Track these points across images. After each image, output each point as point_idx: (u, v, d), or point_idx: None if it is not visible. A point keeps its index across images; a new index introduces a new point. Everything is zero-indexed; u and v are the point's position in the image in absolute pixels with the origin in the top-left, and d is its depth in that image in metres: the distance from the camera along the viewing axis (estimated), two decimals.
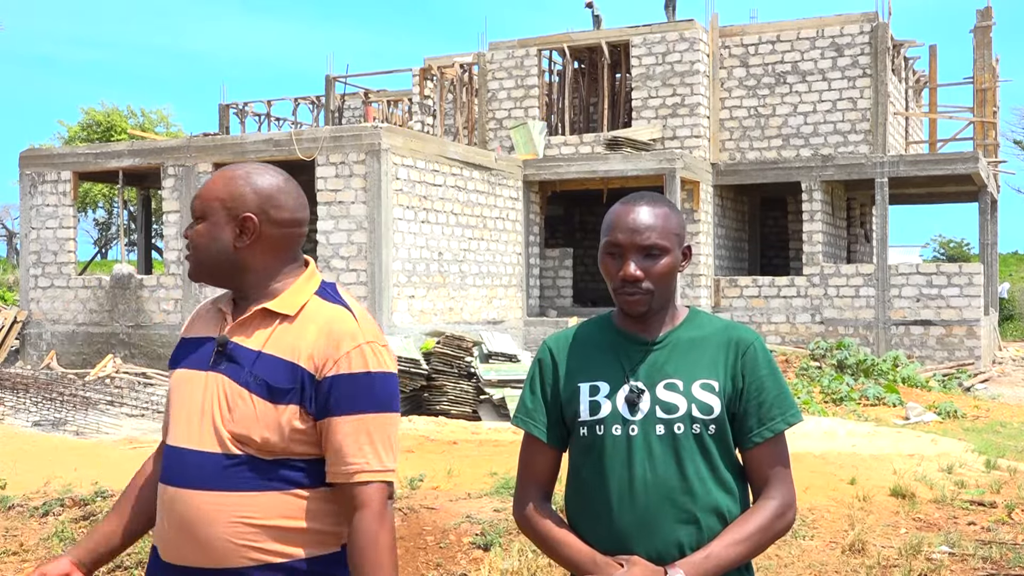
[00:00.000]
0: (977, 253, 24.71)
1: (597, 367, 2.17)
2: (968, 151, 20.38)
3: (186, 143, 17.72)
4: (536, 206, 20.50)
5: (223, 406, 2.03)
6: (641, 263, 2.11)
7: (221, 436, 2.02)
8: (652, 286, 2.12)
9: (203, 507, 2.01)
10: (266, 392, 2.01)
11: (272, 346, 2.04)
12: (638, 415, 2.11)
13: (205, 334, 2.13)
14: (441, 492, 6.75)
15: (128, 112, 34.55)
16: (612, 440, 2.12)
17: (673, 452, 2.09)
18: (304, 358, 2.02)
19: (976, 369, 18.18)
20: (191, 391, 2.08)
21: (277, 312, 2.07)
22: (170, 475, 2.06)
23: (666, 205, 2.17)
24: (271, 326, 2.06)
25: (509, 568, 5.10)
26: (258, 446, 2.02)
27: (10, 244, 50.78)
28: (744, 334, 2.16)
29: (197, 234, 2.10)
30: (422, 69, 23.87)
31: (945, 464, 7.98)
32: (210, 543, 2.01)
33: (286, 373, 2.02)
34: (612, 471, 2.11)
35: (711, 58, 22.13)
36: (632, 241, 2.11)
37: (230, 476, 2.01)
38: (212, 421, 2.03)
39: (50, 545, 5.72)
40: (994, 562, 5.47)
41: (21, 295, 19.12)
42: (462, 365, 12.30)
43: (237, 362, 2.04)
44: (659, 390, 2.12)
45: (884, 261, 19.48)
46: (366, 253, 15.55)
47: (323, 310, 2.07)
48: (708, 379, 2.12)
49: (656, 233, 2.11)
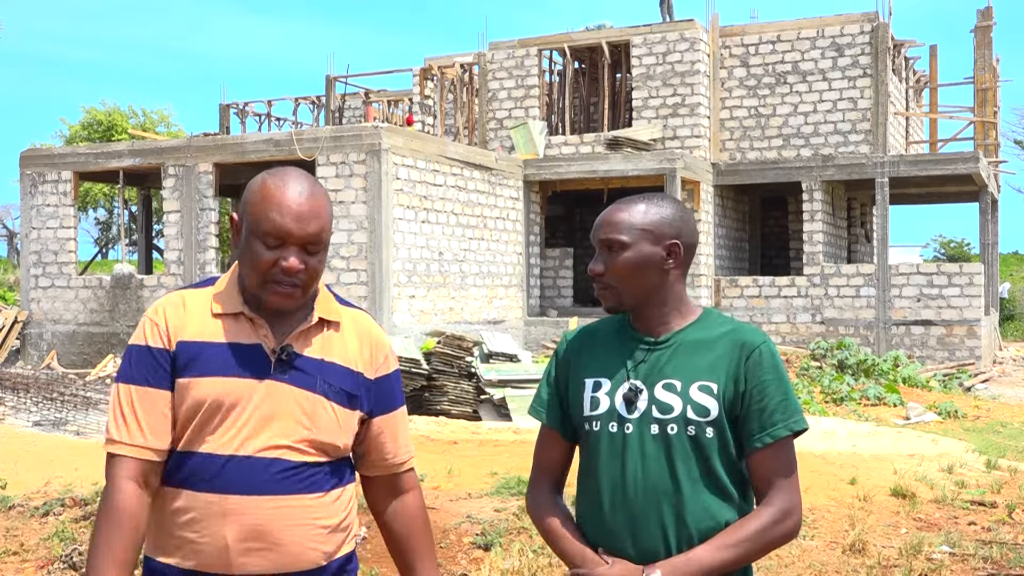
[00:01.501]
0: (977, 253, 24.71)
1: (603, 363, 2.19)
2: (968, 151, 20.37)
3: (186, 143, 17.72)
4: (536, 206, 20.50)
5: (300, 414, 2.05)
6: (602, 258, 2.16)
7: (296, 443, 2.04)
8: (613, 281, 2.14)
9: (280, 512, 2.03)
10: (345, 400, 2.10)
11: (332, 353, 2.11)
12: (635, 413, 2.11)
13: (233, 340, 2.05)
14: (441, 492, 6.75)
15: (129, 112, 34.55)
16: (608, 437, 2.13)
17: (665, 453, 2.08)
18: (361, 363, 2.13)
19: (976, 369, 18.17)
20: (247, 399, 2.03)
21: (327, 320, 2.12)
22: (233, 484, 2.01)
23: (646, 202, 2.17)
24: (322, 333, 2.11)
25: (509, 568, 5.10)
26: (337, 452, 2.11)
27: (10, 244, 50.79)
28: (752, 337, 2.13)
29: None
30: (422, 69, 23.88)
31: (945, 464, 7.98)
32: (286, 547, 2.03)
33: (351, 379, 2.11)
34: (606, 468, 2.12)
35: (711, 58, 22.13)
36: (596, 236, 2.18)
37: (304, 480, 2.06)
38: (288, 429, 2.04)
39: (50, 545, 5.72)
40: (994, 562, 5.47)
41: (21, 295, 19.13)
42: (462, 365, 12.29)
43: (302, 371, 2.06)
44: (657, 390, 2.11)
45: (884, 261, 19.48)
46: (366, 253, 15.55)
47: (352, 315, 2.18)
48: (707, 381, 2.09)
49: (617, 227, 2.14)
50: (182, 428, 2.04)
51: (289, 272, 2.01)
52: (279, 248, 2.01)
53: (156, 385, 2.04)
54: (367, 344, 2.16)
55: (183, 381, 2.03)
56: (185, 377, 2.03)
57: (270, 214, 2.00)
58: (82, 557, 5.29)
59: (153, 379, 2.04)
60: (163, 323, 2.06)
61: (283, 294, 2.03)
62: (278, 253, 2.01)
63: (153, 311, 2.09)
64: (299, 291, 2.04)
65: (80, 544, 5.49)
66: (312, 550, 2.07)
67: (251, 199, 2.04)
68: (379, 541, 5.70)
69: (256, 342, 2.05)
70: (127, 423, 2.02)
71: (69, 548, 5.44)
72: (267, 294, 2.03)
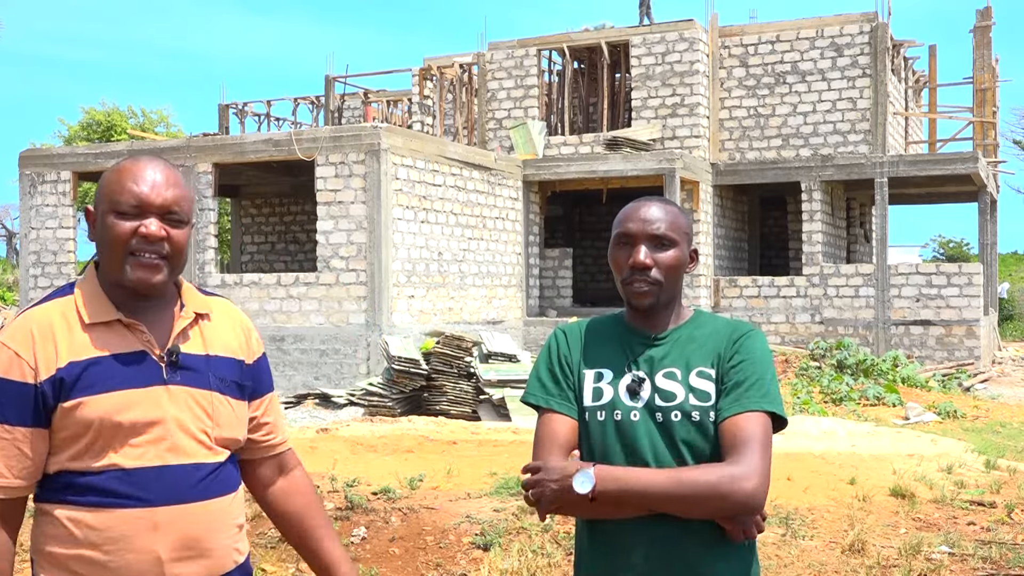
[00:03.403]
0: (977, 253, 24.70)
1: (602, 356, 2.22)
2: (968, 151, 20.38)
3: (186, 143, 17.71)
4: (536, 206, 20.50)
5: (203, 414, 2.01)
6: (651, 252, 2.16)
7: (206, 443, 2.01)
8: (660, 277, 2.16)
9: (208, 517, 2.01)
10: (236, 391, 2.07)
11: (214, 346, 2.07)
12: (639, 402, 2.14)
13: (115, 351, 1.96)
14: (441, 492, 6.75)
15: (129, 112, 34.56)
16: (613, 426, 2.15)
17: (670, 439, 2.11)
18: (241, 351, 2.12)
19: (976, 369, 18.18)
20: (148, 408, 1.95)
21: (199, 313, 2.08)
22: (158, 495, 1.95)
23: (675, 206, 2.24)
24: (199, 328, 2.07)
25: (509, 568, 5.10)
26: (237, 445, 2.09)
27: (10, 244, 50.78)
28: (743, 326, 2.21)
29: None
30: (422, 69, 23.87)
31: (945, 464, 7.98)
32: (214, 551, 2.02)
33: (237, 369, 2.09)
34: (612, 457, 2.13)
35: (711, 58, 22.13)
36: (643, 230, 2.16)
37: (222, 481, 2.04)
38: (194, 432, 1.99)
39: None
40: (994, 562, 5.47)
41: (21, 295, 19.12)
42: (462, 365, 12.29)
43: (192, 369, 2.02)
44: (659, 378, 2.16)
45: (884, 261, 19.48)
46: (366, 253, 15.55)
47: (218, 303, 2.15)
48: (703, 366, 2.15)
49: (666, 224, 2.18)
50: (75, 449, 1.93)
51: (150, 239, 1.93)
52: (138, 217, 1.94)
53: (16, 422, 1.91)
54: (240, 330, 2.14)
55: (68, 405, 1.91)
56: (73, 399, 1.91)
57: (126, 184, 1.94)
58: None
59: (13, 416, 1.91)
60: (28, 352, 1.92)
61: (147, 265, 1.94)
62: (138, 221, 1.94)
63: (10, 337, 1.93)
64: (164, 264, 1.96)
65: None
66: (233, 550, 2.06)
67: (106, 181, 1.98)
68: (378, 541, 5.69)
69: (139, 349, 1.97)
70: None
71: None
72: (130, 271, 1.94)
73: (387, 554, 5.55)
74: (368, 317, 15.36)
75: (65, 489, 1.95)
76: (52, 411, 1.93)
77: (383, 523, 5.87)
